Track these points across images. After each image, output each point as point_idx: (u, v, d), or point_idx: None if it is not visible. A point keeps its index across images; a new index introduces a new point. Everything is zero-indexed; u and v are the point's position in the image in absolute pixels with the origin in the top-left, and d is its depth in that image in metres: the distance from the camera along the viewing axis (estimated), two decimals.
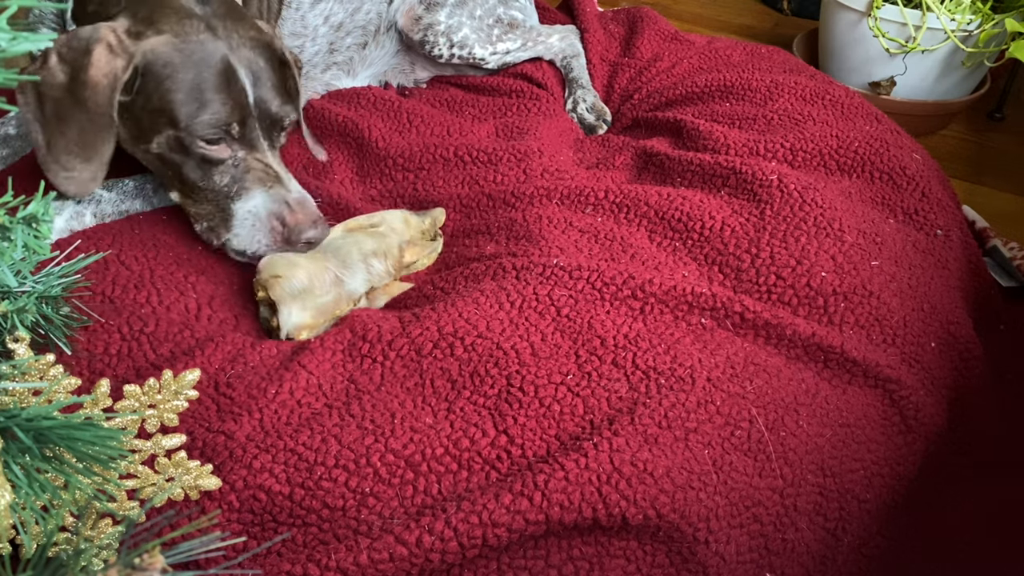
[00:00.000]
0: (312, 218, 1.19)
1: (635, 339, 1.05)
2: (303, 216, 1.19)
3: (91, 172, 1.16)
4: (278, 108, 1.20)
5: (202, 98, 1.13)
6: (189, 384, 0.83)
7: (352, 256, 1.20)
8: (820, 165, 1.42)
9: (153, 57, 1.13)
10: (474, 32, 1.74)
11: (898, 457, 1.05)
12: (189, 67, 1.13)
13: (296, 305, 1.12)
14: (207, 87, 1.14)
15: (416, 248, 1.27)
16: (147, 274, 1.16)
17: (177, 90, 1.13)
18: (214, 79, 1.14)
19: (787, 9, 2.81)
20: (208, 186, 1.19)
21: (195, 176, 1.19)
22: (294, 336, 1.11)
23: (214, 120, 1.14)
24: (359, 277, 1.20)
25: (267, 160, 1.20)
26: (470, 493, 0.89)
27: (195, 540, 0.59)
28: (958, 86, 2.07)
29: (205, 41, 1.15)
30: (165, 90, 1.13)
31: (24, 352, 0.77)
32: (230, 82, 1.15)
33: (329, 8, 1.64)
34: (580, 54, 1.87)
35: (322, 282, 1.16)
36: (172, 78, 1.13)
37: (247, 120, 1.17)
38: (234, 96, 1.16)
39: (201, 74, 1.13)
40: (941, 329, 1.21)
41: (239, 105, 1.16)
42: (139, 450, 0.81)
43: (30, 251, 0.70)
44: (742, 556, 0.91)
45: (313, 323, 1.13)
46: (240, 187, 1.19)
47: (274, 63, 1.22)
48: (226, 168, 1.19)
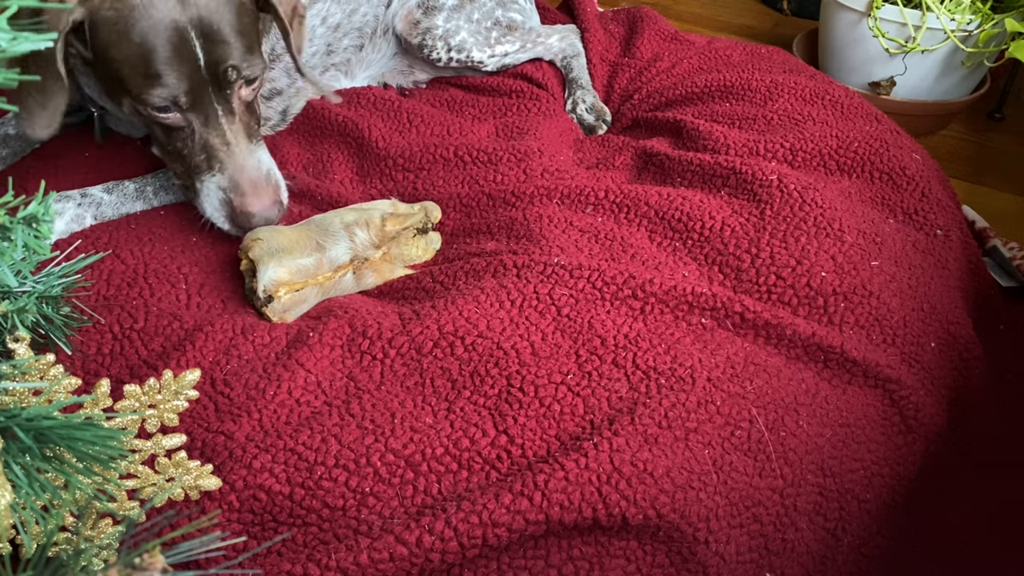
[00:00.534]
0: (263, 201, 1.19)
1: (635, 339, 1.05)
2: (251, 199, 1.19)
3: (46, 119, 1.13)
4: (237, 62, 1.14)
5: (149, 71, 1.10)
6: (189, 384, 0.83)
7: (334, 225, 1.21)
8: (820, 165, 1.42)
9: (98, 19, 1.09)
10: (472, 36, 1.73)
11: (898, 457, 1.05)
12: (135, 36, 1.08)
13: (273, 261, 1.13)
14: (154, 58, 1.09)
15: (399, 219, 1.27)
16: (141, 269, 1.17)
17: (124, 60, 1.10)
18: (161, 48, 1.09)
19: (787, 9, 2.81)
20: (173, 149, 1.20)
21: (161, 138, 1.20)
22: (272, 293, 1.13)
23: (161, 93, 1.11)
24: (342, 245, 1.20)
25: (221, 132, 1.17)
26: (470, 493, 0.89)
27: (195, 540, 0.59)
28: (958, 86, 2.07)
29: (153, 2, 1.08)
30: (112, 59, 1.11)
31: (24, 352, 0.77)
32: (178, 49, 1.10)
33: (326, 9, 1.63)
34: (580, 54, 1.87)
35: (303, 246, 1.17)
36: (117, 46, 1.10)
37: (198, 88, 1.13)
38: (183, 63, 1.11)
39: (147, 43, 1.08)
40: (941, 329, 1.21)
41: (188, 73, 1.11)
42: (139, 450, 0.81)
43: (30, 251, 0.70)
44: (742, 556, 0.91)
45: (290, 280, 1.14)
46: (198, 162, 1.19)
47: (240, 11, 1.15)
48: (184, 135, 1.17)
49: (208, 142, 1.17)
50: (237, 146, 1.19)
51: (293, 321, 1.15)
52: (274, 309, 1.13)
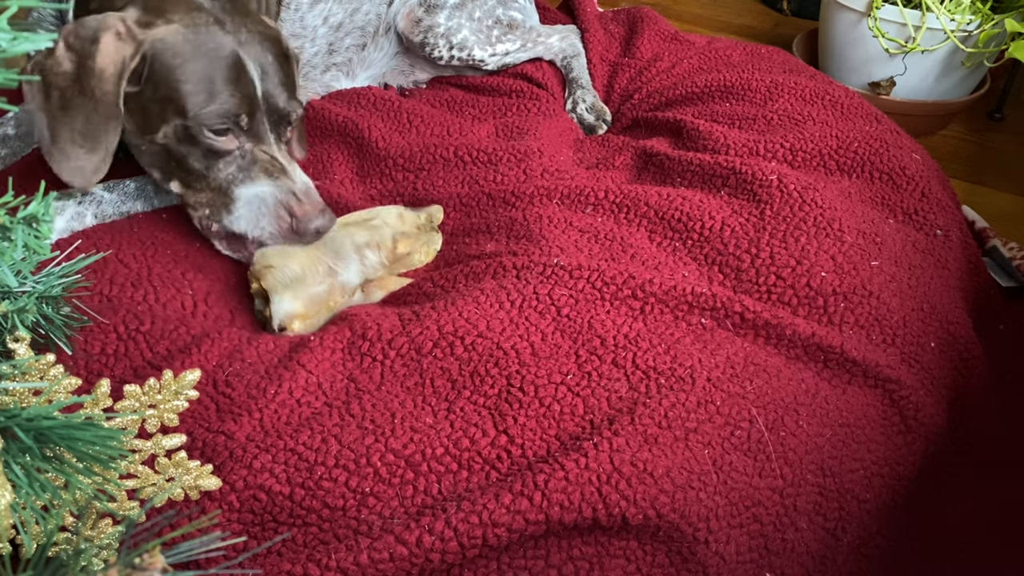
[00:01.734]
0: (319, 208, 1.20)
1: (635, 339, 1.05)
2: (311, 207, 1.19)
3: (95, 163, 1.15)
4: (285, 103, 1.21)
5: (212, 89, 1.14)
6: (189, 384, 0.83)
7: (345, 247, 1.21)
8: (820, 165, 1.42)
9: (163, 46, 1.13)
10: (473, 34, 1.74)
11: (898, 457, 1.05)
12: (199, 58, 1.13)
13: (288, 294, 1.12)
14: (217, 78, 1.14)
15: (410, 239, 1.27)
16: (144, 272, 1.16)
17: (186, 80, 1.13)
18: (224, 71, 1.14)
19: (787, 9, 2.81)
20: (212, 176, 1.19)
21: (200, 166, 1.19)
22: (286, 326, 1.12)
23: (223, 111, 1.14)
24: (353, 268, 1.20)
25: (273, 152, 1.20)
26: (470, 493, 0.89)
27: (195, 540, 0.59)
28: (958, 86, 2.07)
29: (215, 33, 1.15)
30: (174, 79, 1.13)
31: (24, 352, 0.77)
32: (239, 75, 1.15)
33: (328, 8, 1.63)
34: (580, 54, 1.87)
35: (315, 272, 1.16)
36: (181, 68, 1.13)
37: (255, 113, 1.18)
38: (243, 89, 1.16)
39: (211, 65, 1.13)
40: (941, 329, 1.21)
41: (248, 97, 1.16)
42: (139, 450, 0.81)
43: (30, 251, 0.70)
44: (742, 556, 0.91)
45: (305, 312, 1.13)
46: (245, 175, 1.19)
47: (281, 58, 1.22)
48: (232, 159, 1.19)
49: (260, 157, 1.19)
50: (288, 164, 1.22)
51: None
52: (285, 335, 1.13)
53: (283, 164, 1.21)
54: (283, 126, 1.22)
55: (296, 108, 1.23)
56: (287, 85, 1.22)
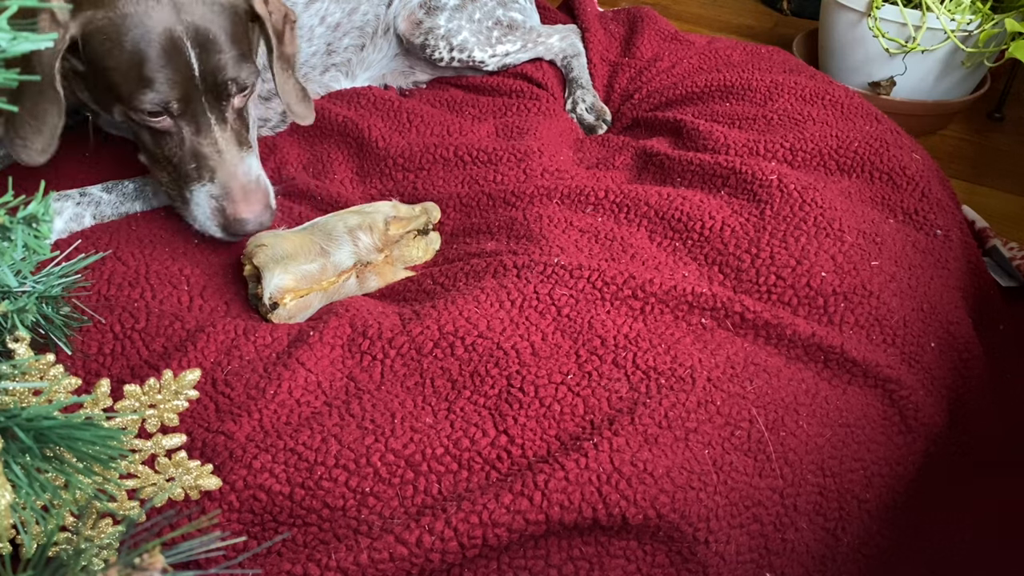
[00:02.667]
0: (254, 208, 1.19)
1: (635, 339, 1.05)
2: (243, 206, 1.19)
3: (43, 143, 1.14)
4: (229, 74, 1.15)
5: (141, 75, 1.10)
6: (189, 384, 0.83)
7: (338, 229, 1.22)
8: (820, 165, 1.42)
9: (92, 30, 1.10)
10: (473, 35, 1.74)
11: (898, 457, 1.05)
12: (127, 41, 1.09)
13: (279, 268, 1.13)
14: (146, 64, 1.10)
15: (402, 222, 1.27)
16: (142, 270, 1.17)
17: (116, 67, 1.11)
18: (154, 55, 1.10)
19: (787, 9, 2.81)
20: (162, 155, 1.19)
21: (150, 144, 1.19)
22: (278, 300, 1.12)
23: (153, 99, 1.12)
24: (345, 249, 1.20)
25: (212, 139, 1.17)
26: (470, 493, 0.89)
27: (195, 540, 0.58)
28: (958, 86, 2.07)
29: (147, 11, 1.10)
30: (104, 67, 1.11)
31: (24, 352, 0.76)
32: (171, 56, 1.11)
33: (325, 8, 1.63)
34: (580, 53, 1.87)
35: (307, 252, 1.17)
36: (111, 55, 1.10)
37: (191, 95, 1.14)
38: (176, 71, 1.11)
39: (140, 48, 1.09)
40: (941, 329, 1.21)
41: (181, 80, 1.12)
42: (139, 450, 0.81)
43: (30, 251, 0.70)
44: (742, 556, 0.91)
45: (296, 287, 1.14)
46: (187, 171, 1.18)
47: (232, 22, 1.16)
48: (175, 142, 1.17)
49: (198, 150, 1.17)
50: (228, 153, 1.18)
51: (295, 324, 1.15)
52: (279, 315, 1.13)
53: (222, 153, 1.17)
54: (225, 100, 1.17)
55: (246, 77, 1.17)
56: (236, 52, 1.16)
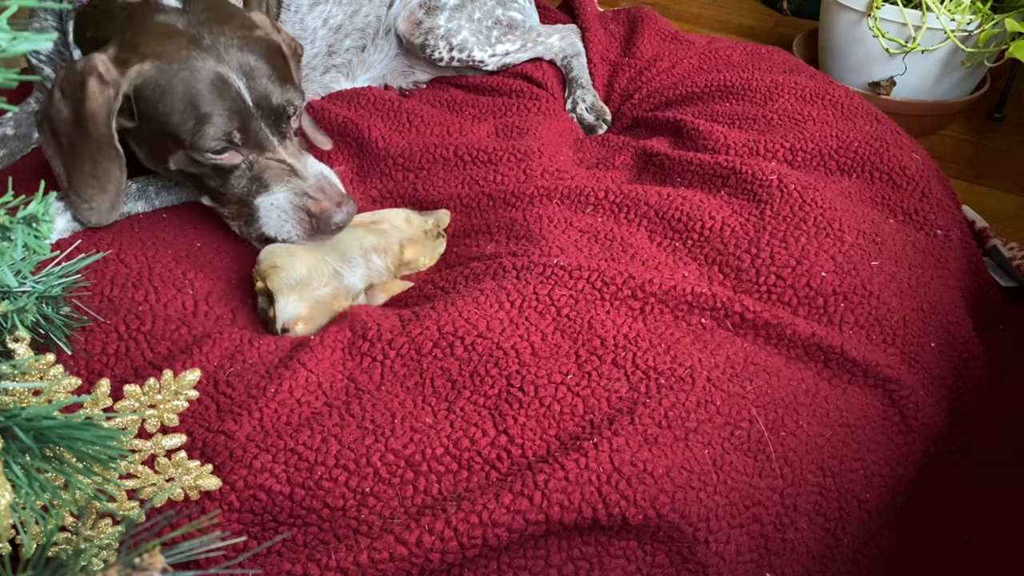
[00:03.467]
0: (336, 200, 1.20)
1: (635, 339, 1.05)
2: (327, 203, 1.20)
3: (109, 201, 1.20)
4: (280, 99, 1.20)
5: (198, 114, 1.14)
6: (189, 384, 0.83)
7: (352, 251, 1.21)
8: (820, 165, 1.42)
9: (141, 83, 1.13)
10: (473, 35, 1.74)
11: (898, 457, 1.05)
12: (178, 86, 1.13)
13: (293, 296, 1.12)
14: (201, 102, 1.14)
15: (417, 246, 1.27)
16: (145, 272, 1.16)
17: (172, 112, 1.14)
18: (206, 92, 1.14)
19: (787, 9, 2.81)
20: (229, 191, 1.22)
21: (215, 184, 1.21)
22: (290, 328, 1.12)
23: (215, 133, 1.15)
24: (358, 272, 1.20)
25: (279, 156, 1.21)
26: (470, 493, 0.89)
27: (195, 540, 0.58)
28: (958, 86, 2.07)
29: (190, 56, 1.15)
30: (160, 113, 1.14)
31: (24, 352, 0.76)
32: (223, 91, 1.15)
33: (328, 10, 1.63)
34: (580, 53, 1.87)
35: (320, 275, 1.16)
36: (164, 101, 1.14)
37: (249, 123, 1.18)
38: (230, 103, 1.16)
39: (192, 90, 1.14)
40: (941, 329, 1.21)
41: (237, 111, 1.16)
42: (139, 450, 0.81)
43: (30, 251, 0.70)
44: (742, 556, 0.91)
45: (309, 315, 1.13)
46: (259, 185, 1.21)
47: (270, 54, 1.21)
48: (241, 172, 1.20)
49: (267, 165, 1.20)
50: (295, 162, 1.22)
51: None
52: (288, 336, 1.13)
53: (291, 164, 1.21)
54: (284, 122, 1.22)
55: (294, 99, 1.22)
56: (280, 80, 1.21)
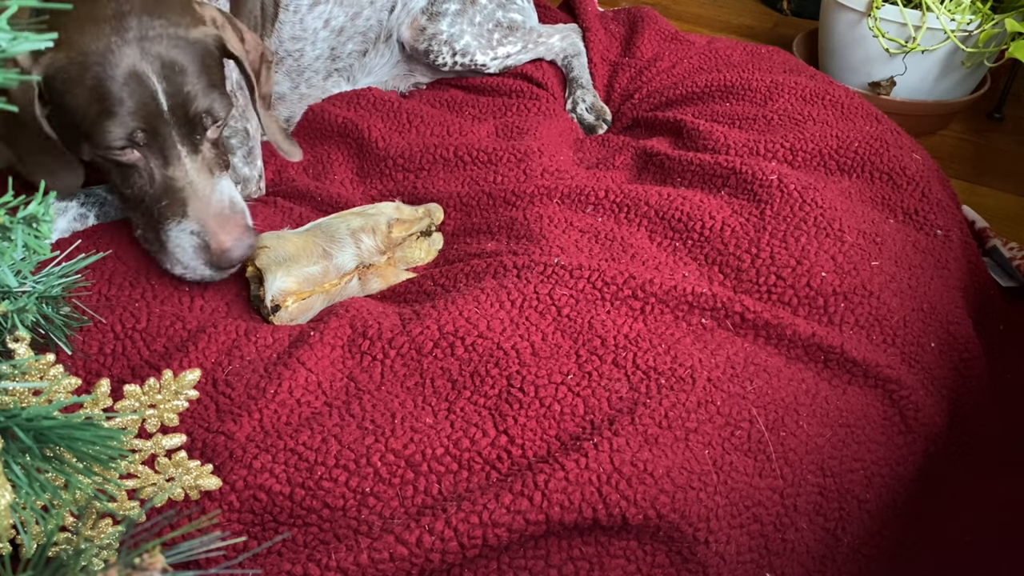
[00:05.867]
0: (234, 235, 1.12)
1: (635, 339, 1.05)
2: (224, 237, 1.11)
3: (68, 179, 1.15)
4: (199, 107, 1.11)
5: (103, 109, 1.07)
6: (189, 384, 0.83)
7: (340, 232, 1.21)
8: (820, 165, 1.42)
9: (53, 72, 1.07)
10: (475, 39, 1.74)
11: (898, 457, 1.05)
12: (88, 79, 1.07)
13: (281, 271, 1.13)
14: (108, 98, 1.07)
15: (404, 225, 1.27)
16: (143, 270, 1.17)
17: (78, 104, 1.08)
18: (116, 89, 1.07)
19: (787, 9, 2.81)
20: (133, 194, 1.14)
21: (120, 182, 1.14)
22: (280, 303, 1.12)
23: (116, 131, 1.08)
24: (348, 251, 1.20)
25: (183, 171, 1.12)
26: (470, 493, 0.89)
27: (195, 540, 0.58)
28: (958, 86, 2.07)
29: (108, 48, 1.07)
30: (67, 105, 1.08)
31: (24, 352, 0.76)
32: (135, 89, 1.08)
33: (329, 11, 1.63)
34: (581, 53, 1.87)
35: (309, 254, 1.16)
36: (71, 92, 1.07)
37: (158, 127, 1.10)
38: (140, 103, 1.08)
39: (102, 85, 1.07)
40: (941, 329, 1.21)
41: (146, 113, 1.08)
42: (139, 450, 0.81)
43: (30, 251, 0.70)
44: (742, 556, 0.91)
45: (298, 289, 1.14)
46: (160, 209, 1.13)
47: (204, 55, 1.13)
48: (144, 176, 1.12)
49: (169, 183, 1.12)
50: (199, 183, 1.13)
51: (296, 325, 1.15)
52: (281, 317, 1.13)
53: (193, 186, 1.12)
54: (198, 132, 1.13)
55: (216, 109, 1.13)
56: (205, 86, 1.12)
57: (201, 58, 1.13)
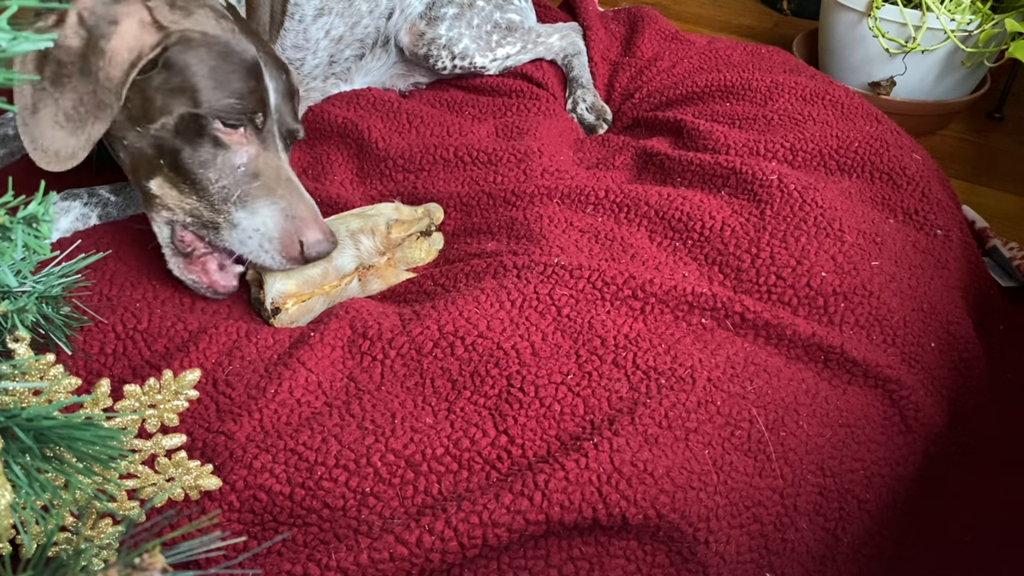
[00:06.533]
0: (327, 232, 1.14)
1: (635, 339, 1.05)
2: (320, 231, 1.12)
3: (72, 148, 1.05)
4: (292, 122, 1.20)
5: (229, 84, 1.10)
6: (189, 384, 0.83)
7: (340, 233, 1.21)
8: (820, 165, 1.42)
9: (188, 36, 1.08)
10: (474, 41, 1.74)
11: (898, 457, 1.05)
12: (221, 54, 1.10)
13: (281, 274, 1.13)
14: (236, 76, 1.10)
15: (404, 225, 1.27)
16: (144, 270, 1.17)
17: (205, 73, 1.08)
18: (244, 72, 1.11)
19: (787, 9, 2.81)
20: (205, 176, 1.09)
21: (194, 162, 1.09)
22: (280, 306, 1.13)
23: (240, 105, 1.09)
24: (347, 253, 1.20)
25: (282, 163, 1.15)
26: (470, 493, 0.89)
27: (195, 540, 0.58)
28: (958, 86, 2.07)
29: (237, 38, 1.12)
30: (192, 71, 1.08)
31: (24, 352, 0.76)
32: (258, 81, 1.13)
33: (330, 22, 1.64)
34: (581, 52, 1.87)
35: None
36: (202, 61, 1.08)
37: (267, 118, 1.14)
38: (259, 93, 1.13)
39: (233, 64, 1.10)
40: (941, 329, 1.21)
41: (262, 102, 1.13)
42: (139, 450, 0.81)
43: (30, 251, 0.70)
44: (742, 556, 0.91)
45: (298, 292, 1.14)
46: (244, 192, 1.10)
47: (289, 82, 1.21)
48: (233, 163, 1.10)
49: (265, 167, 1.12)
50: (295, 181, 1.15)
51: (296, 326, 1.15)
52: (281, 320, 1.13)
53: (290, 177, 1.15)
54: (290, 141, 1.20)
55: (299, 131, 1.21)
56: (293, 110, 1.21)
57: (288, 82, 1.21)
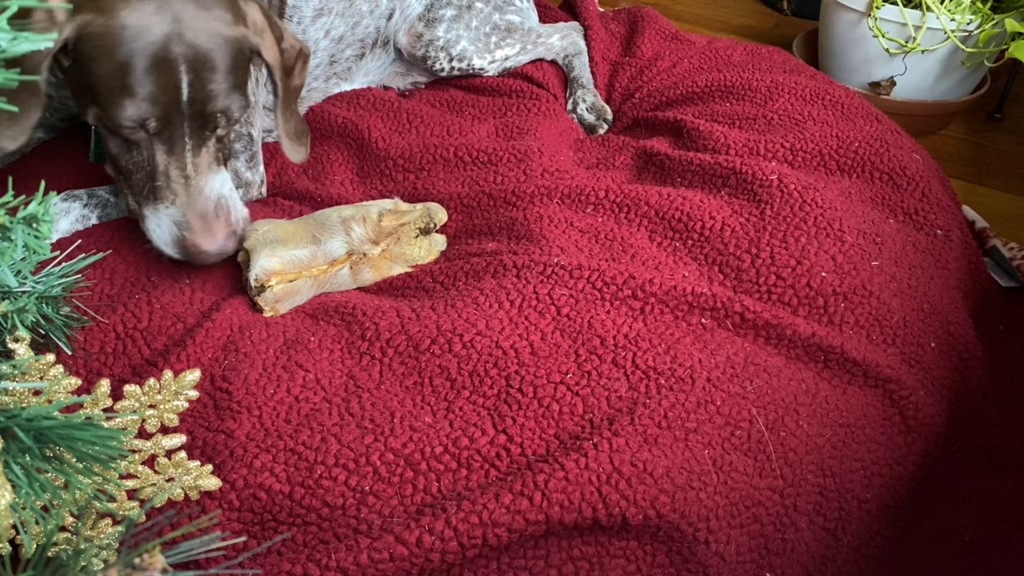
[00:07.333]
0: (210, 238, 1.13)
1: (635, 339, 1.05)
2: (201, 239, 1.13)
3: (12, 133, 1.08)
4: (217, 105, 1.11)
5: (125, 86, 1.06)
6: (189, 384, 0.83)
7: (331, 220, 1.22)
8: (820, 165, 1.42)
9: (84, 33, 1.05)
10: (472, 43, 1.74)
11: (898, 457, 1.05)
12: (120, 50, 1.05)
13: (266, 251, 1.14)
14: (133, 76, 1.06)
15: (396, 215, 1.27)
16: (143, 267, 1.17)
17: (102, 73, 1.06)
18: (143, 71, 1.06)
19: (787, 9, 2.81)
20: (125, 167, 1.14)
21: (117, 151, 1.14)
22: (264, 282, 1.13)
23: (132, 113, 1.07)
24: (338, 238, 1.21)
25: (183, 163, 1.12)
26: (470, 492, 0.89)
27: (195, 540, 0.59)
28: (958, 86, 2.07)
29: (148, 26, 1.06)
30: (91, 71, 1.07)
31: (24, 352, 0.77)
32: (160, 75, 1.07)
33: (330, 22, 1.64)
34: (582, 52, 1.87)
35: (299, 239, 1.18)
36: (99, 60, 1.06)
37: (172, 117, 1.09)
38: (162, 90, 1.06)
39: (130, 61, 1.05)
40: (941, 329, 1.21)
41: (166, 100, 1.08)
42: (139, 450, 0.81)
43: (30, 251, 0.70)
44: (742, 556, 0.91)
45: (282, 270, 1.15)
46: (149, 189, 1.13)
47: (235, 56, 1.12)
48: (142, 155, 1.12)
49: (167, 170, 1.12)
50: (194, 178, 1.13)
51: (292, 321, 1.15)
52: (265, 299, 1.14)
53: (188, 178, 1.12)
54: (207, 130, 1.13)
55: (232, 111, 1.13)
56: (229, 87, 1.12)
57: (233, 57, 1.12)
